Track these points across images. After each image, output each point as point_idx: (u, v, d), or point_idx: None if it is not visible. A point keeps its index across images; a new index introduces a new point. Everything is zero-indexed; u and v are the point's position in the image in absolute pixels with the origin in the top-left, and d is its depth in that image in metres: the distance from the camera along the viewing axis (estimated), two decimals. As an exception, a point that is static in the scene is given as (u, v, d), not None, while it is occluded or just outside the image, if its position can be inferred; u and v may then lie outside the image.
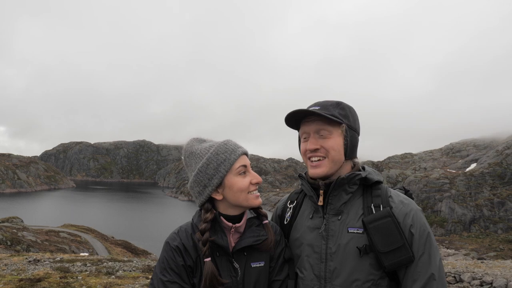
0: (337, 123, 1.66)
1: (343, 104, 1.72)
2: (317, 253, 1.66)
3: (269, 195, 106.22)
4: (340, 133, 1.68)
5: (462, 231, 58.64)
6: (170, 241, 1.66)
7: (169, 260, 1.61)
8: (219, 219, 1.64)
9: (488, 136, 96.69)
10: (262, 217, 1.74)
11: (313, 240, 1.69)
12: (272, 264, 1.71)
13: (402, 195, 1.69)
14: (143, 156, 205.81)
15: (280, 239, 1.77)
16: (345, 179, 1.64)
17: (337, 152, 1.67)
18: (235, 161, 1.64)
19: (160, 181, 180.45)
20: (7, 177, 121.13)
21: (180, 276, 1.59)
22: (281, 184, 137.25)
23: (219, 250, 1.62)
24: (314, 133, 1.68)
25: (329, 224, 1.67)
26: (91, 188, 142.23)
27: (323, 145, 1.66)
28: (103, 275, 9.85)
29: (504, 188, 64.65)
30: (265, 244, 1.66)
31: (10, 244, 25.25)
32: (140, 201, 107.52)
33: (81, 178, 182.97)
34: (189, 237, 1.65)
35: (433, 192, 66.59)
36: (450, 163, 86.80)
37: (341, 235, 1.63)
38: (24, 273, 9.87)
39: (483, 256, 40.66)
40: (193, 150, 1.70)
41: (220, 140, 1.72)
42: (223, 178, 1.63)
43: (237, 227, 1.65)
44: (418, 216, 1.60)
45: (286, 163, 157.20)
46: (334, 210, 1.67)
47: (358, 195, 1.69)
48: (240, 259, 1.65)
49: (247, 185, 1.64)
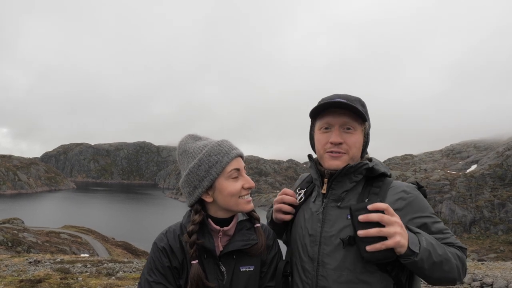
0: (362, 119, 1.64)
1: (363, 101, 1.70)
2: (313, 236, 1.64)
3: (269, 196, 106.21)
4: (362, 130, 1.66)
5: (462, 233, 58.59)
6: (158, 241, 1.64)
7: (155, 261, 1.59)
8: (207, 222, 1.60)
9: (488, 138, 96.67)
10: (254, 220, 1.70)
11: (310, 222, 1.68)
12: (264, 269, 1.67)
13: (405, 184, 1.65)
14: (144, 158, 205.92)
15: (273, 244, 1.73)
16: (352, 167, 1.61)
17: (358, 149, 1.66)
18: (228, 164, 1.57)
19: (160, 182, 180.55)
20: (7, 178, 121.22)
21: (165, 277, 1.57)
22: (281, 185, 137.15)
23: (207, 253, 1.59)
24: (340, 126, 1.63)
25: (327, 208, 1.65)
26: (92, 190, 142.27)
27: (347, 140, 1.62)
28: (104, 276, 9.86)
29: (505, 189, 64.61)
30: (254, 249, 1.62)
31: (11, 245, 25.28)
32: (141, 202, 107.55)
33: (82, 180, 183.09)
34: (177, 238, 1.62)
35: (434, 193, 66.53)
36: (451, 165, 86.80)
37: (338, 221, 1.61)
38: (25, 274, 9.88)
39: (484, 258, 40.61)
40: (187, 148, 1.65)
41: (215, 140, 1.65)
42: (214, 181, 1.57)
43: (225, 230, 1.61)
44: (421, 200, 1.60)
45: (286, 164, 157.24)
46: (335, 196, 1.65)
47: (361, 186, 1.66)
48: (228, 263, 1.60)
49: (238, 189, 1.58)
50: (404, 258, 1.41)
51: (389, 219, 1.40)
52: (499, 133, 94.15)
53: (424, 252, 1.40)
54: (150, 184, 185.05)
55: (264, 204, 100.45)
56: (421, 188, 1.71)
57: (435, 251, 1.43)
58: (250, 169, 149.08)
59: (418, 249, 1.40)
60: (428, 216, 1.58)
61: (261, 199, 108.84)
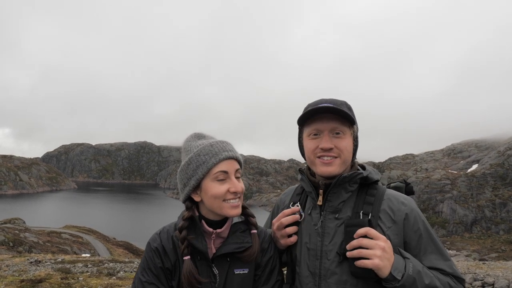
0: (350, 123, 1.62)
1: (349, 104, 1.69)
2: (313, 250, 1.63)
3: (270, 196, 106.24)
4: (351, 133, 1.65)
5: (463, 232, 58.54)
6: (151, 242, 1.65)
7: (148, 261, 1.60)
8: (199, 224, 1.59)
9: (489, 137, 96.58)
10: (250, 226, 1.67)
11: (308, 236, 1.65)
12: (259, 272, 1.66)
13: (401, 196, 1.64)
14: (144, 158, 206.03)
15: (269, 247, 1.70)
16: (347, 177, 1.60)
17: (349, 153, 1.63)
18: (214, 166, 1.55)
19: (161, 182, 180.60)
20: (9, 178, 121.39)
21: (158, 278, 1.58)
22: (282, 185, 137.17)
23: (200, 255, 1.58)
24: (329, 131, 1.61)
25: (325, 221, 1.63)
26: (93, 190, 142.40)
27: (337, 145, 1.60)
28: (104, 276, 9.87)
29: (506, 189, 64.55)
30: (246, 256, 1.59)
31: (12, 245, 25.31)
32: (142, 202, 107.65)
33: (83, 180, 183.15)
34: (170, 239, 1.63)
35: (435, 193, 66.49)
36: (452, 164, 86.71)
37: (337, 233, 1.59)
38: (26, 274, 9.89)
39: (485, 257, 40.51)
40: (186, 146, 1.67)
41: (216, 139, 1.65)
42: (200, 181, 1.57)
43: (218, 232, 1.60)
44: (419, 215, 1.59)
45: (287, 164, 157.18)
46: (332, 208, 1.63)
47: (355, 195, 1.65)
48: (222, 265, 1.60)
49: (222, 192, 1.54)
50: (386, 282, 1.44)
51: (368, 242, 1.44)
52: (500, 132, 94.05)
53: (408, 279, 1.41)
54: (151, 184, 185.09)
55: (265, 204, 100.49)
56: (408, 186, 1.74)
57: (421, 280, 1.43)
58: (251, 169, 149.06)
59: (400, 275, 1.41)
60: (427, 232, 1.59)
61: (262, 199, 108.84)
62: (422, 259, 1.52)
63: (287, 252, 1.76)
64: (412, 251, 1.54)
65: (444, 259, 1.54)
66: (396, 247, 1.51)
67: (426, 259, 1.52)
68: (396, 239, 1.54)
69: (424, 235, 1.55)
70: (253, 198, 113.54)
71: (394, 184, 1.79)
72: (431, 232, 1.58)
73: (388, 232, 1.54)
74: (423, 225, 1.57)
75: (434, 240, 1.56)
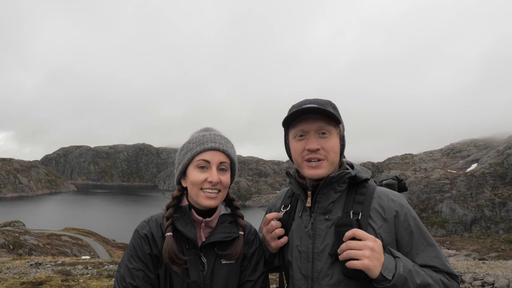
0: (336, 122, 1.61)
1: (333, 103, 1.68)
2: (304, 252, 1.62)
3: (269, 197, 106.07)
4: (337, 133, 1.63)
5: (463, 232, 58.52)
6: (140, 229, 1.66)
7: (136, 248, 1.61)
8: (189, 212, 1.63)
9: (488, 136, 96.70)
10: (237, 218, 1.73)
11: (300, 239, 1.65)
12: (245, 263, 1.70)
13: (391, 193, 1.62)
14: (143, 159, 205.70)
15: (254, 239, 1.76)
16: (334, 177, 1.58)
17: (336, 153, 1.62)
18: (198, 154, 1.62)
19: (160, 184, 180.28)
20: (8, 181, 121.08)
21: (146, 264, 1.59)
22: (281, 186, 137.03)
23: (189, 243, 1.61)
24: (315, 132, 1.59)
25: (316, 223, 1.62)
26: (92, 192, 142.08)
27: (323, 145, 1.58)
28: (104, 278, 9.87)
29: (505, 188, 64.55)
30: (230, 255, 1.64)
31: (12, 248, 25.25)
32: (141, 204, 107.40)
33: (82, 182, 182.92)
34: (159, 227, 1.65)
35: (434, 192, 66.49)
36: (451, 164, 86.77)
37: (327, 234, 1.58)
38: (26, 276, 9.89)
39: (485, 257, 40.52)
40: (190, 136, 1.76)
41: (215, 133, 1.72)
42: (186, 167, 1.66)
43: (207, 221, 1.63)
44: (409, 211, 1.57)
45: (286, 165, 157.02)
46: (322, 209, 1.62)
47: (344, 194, 1.63)
48: (210, 254, 1.64)
49: (200, 180, 1.60)
50: (376, 283, 1.42)
51: (356, 244, 1.42)
52: (499, 131, 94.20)
53: (399, 279, 1.39)
54: (150, 186, 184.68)
55: (264, 205, 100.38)
56: (400, 182, 1.74)
57: (413, 279, 1.41)
58: (250, 170, 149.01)
59: (391, 275, 1.39)
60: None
61: (261, 200, 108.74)
62: (414, 257, 1.51)
63: (279, 255, 1.76)
64: (404, 249, 1.53)
65: (436, 256, 1.52)
66: (387, 246, 1.49)
67: (418, 256, 1.51)
68: (388, 237, 1.52)
69: (415, 232, 1.53)
70: (252, 199, 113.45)
71: (386, 181, 1.77)
72: (422, 228, 1.55)
73: (379, 231, 1.52)
74: (414, 221, 1.54)
75: (426, 237, 1.54)
